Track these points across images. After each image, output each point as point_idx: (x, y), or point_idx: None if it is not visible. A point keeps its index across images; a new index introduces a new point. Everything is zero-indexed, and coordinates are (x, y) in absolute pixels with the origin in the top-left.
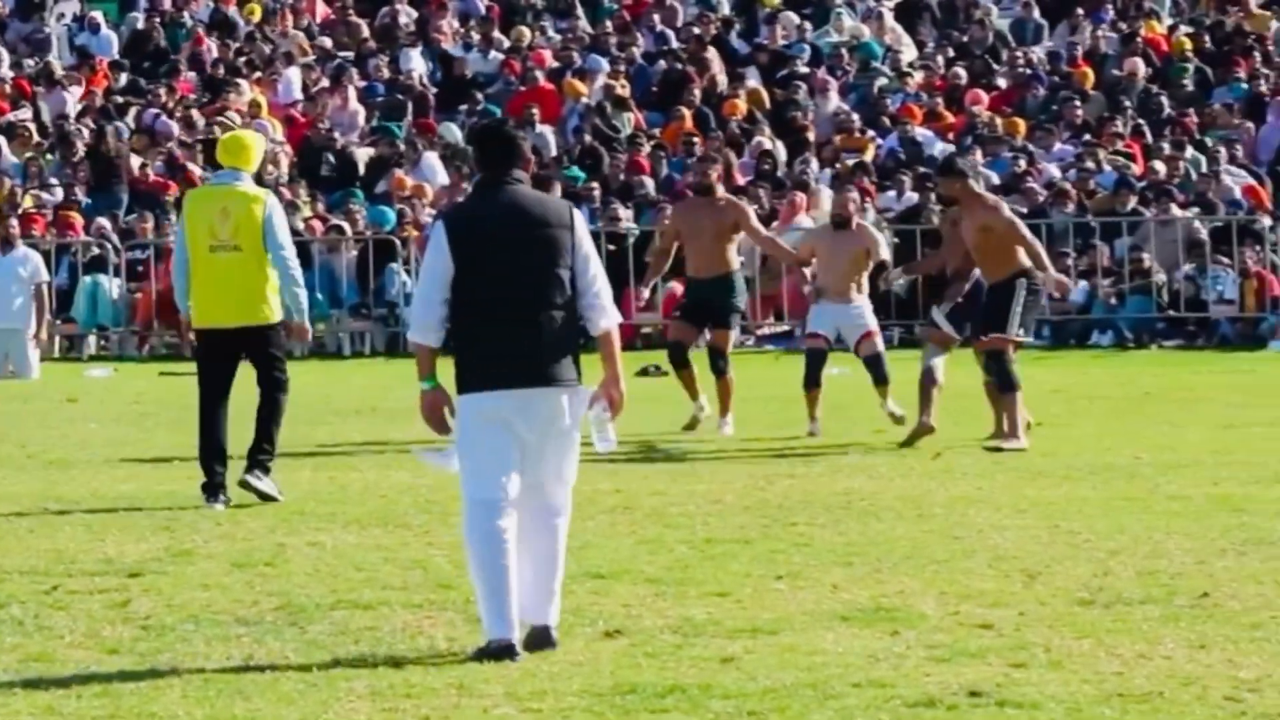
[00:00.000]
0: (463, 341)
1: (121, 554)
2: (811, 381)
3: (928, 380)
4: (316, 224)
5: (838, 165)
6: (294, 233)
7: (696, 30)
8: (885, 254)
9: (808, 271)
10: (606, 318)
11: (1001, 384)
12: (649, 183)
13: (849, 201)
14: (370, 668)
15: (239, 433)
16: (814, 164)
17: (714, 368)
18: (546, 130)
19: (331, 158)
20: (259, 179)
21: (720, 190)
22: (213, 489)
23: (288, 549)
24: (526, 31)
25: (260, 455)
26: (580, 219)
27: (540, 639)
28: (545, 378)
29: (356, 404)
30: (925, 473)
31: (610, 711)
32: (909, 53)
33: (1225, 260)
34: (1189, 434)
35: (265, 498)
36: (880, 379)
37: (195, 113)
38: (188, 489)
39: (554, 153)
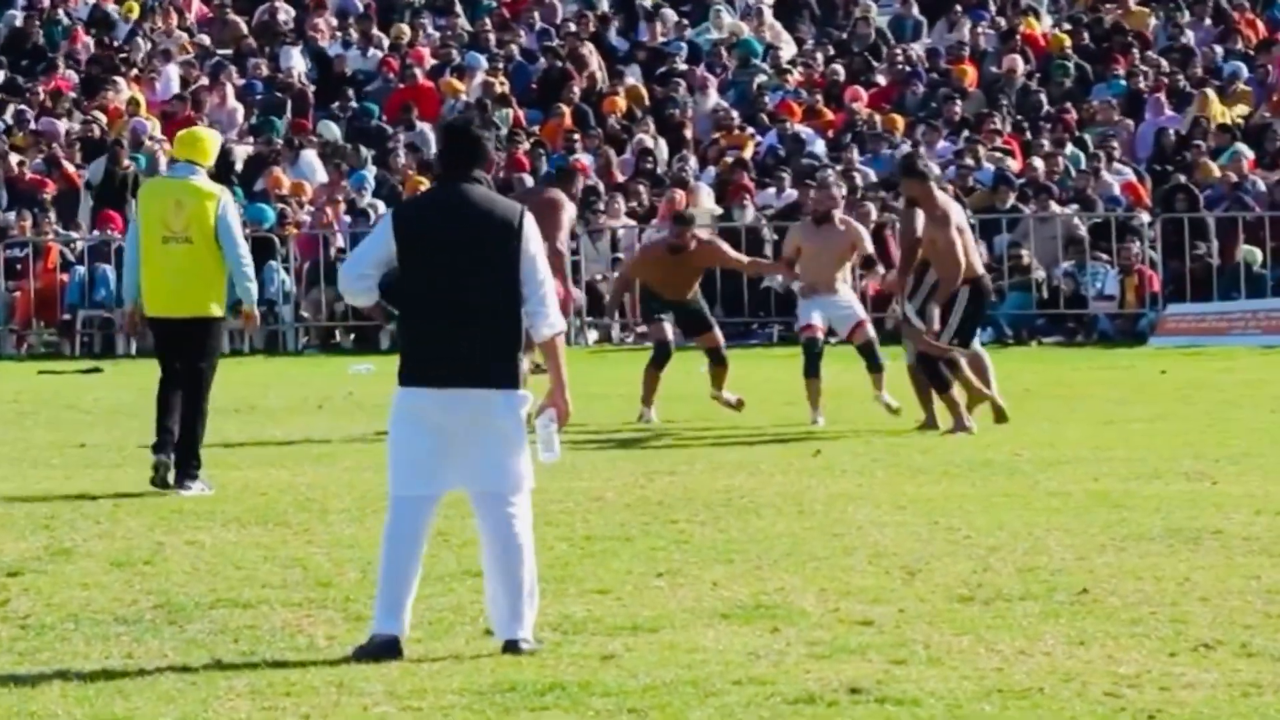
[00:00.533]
0: (403, 336)
1: (0, 553)
2: (811, 371)
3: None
4: None
5: (718, 162)
6: None
7: (575, 27)
8: (870, 248)
9: (794, 271)
10: (549, 325)
11: (935, 385)
12: (529, 180)
13: (832, 197)
14: (250, 666)
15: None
16: (693, 161)
17: (718, 362)
18: (425, 128)
19: None
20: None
21: (693, 243)
22: (160, 446)
23: (167, 548)
24: (405, 29)
25: (188, 468)
26: (530, 224)
27: (509, 651)
28: (473, 378)
29: (235, 402)
30: (805, 470)
31: (490, 709)
32: (788, 50)
33: (1105, 257)
34: (1069, 430)
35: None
36: (874, 366)
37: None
38: (66, 487)
39: (434, 150)
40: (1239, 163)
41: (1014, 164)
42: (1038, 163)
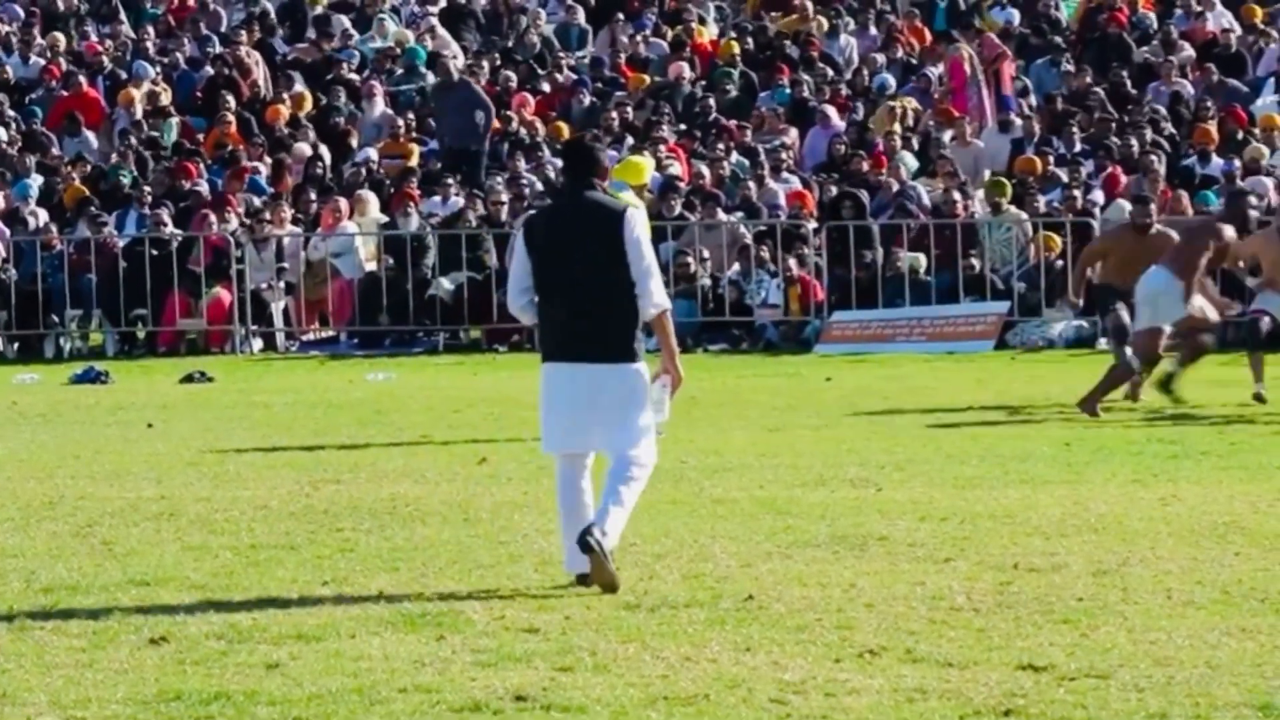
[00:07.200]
0: (540, 321)
1: None
2: (1252, 346)
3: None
4: None
5: (382, 170)
6: None
7: (241, 35)
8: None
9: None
10: (654, 305)
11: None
12: (205, 188)
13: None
14: None
15: None
16: (364, 170)
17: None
18: (90, 136)
19: None
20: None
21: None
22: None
23: None
24: (67, 37)
25: None
26: (634, 220)
27: (583, 535)
28: (595, 354)
29: None
30: (471, 478)
31: (155, 719)
32: (455, 58)
33: (775, 266)
34: (734, 437)
35: None
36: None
37: None
38: None
39: (98, 158)
40: (900, 170)
41: (680, 170)
42: (704, 170)
